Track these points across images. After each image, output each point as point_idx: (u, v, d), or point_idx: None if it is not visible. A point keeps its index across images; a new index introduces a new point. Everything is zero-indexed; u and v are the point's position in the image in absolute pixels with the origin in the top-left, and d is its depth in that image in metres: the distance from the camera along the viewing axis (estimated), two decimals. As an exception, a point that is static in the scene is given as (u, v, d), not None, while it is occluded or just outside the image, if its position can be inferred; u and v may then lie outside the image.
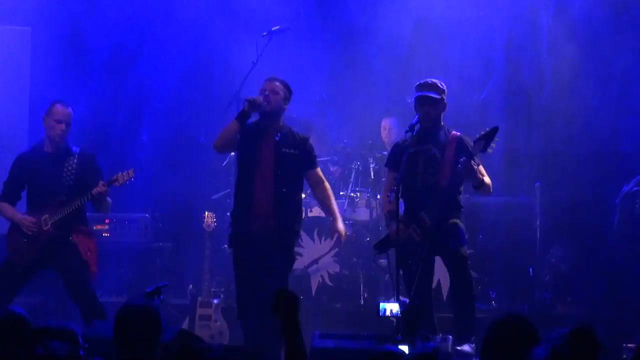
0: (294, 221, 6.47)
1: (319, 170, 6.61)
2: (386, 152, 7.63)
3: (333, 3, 9.55)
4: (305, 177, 6.57)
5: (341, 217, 6.71)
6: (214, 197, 8.76)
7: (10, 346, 3.96)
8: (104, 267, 7.10)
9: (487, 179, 6.40)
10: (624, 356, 6.51)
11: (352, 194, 8.52)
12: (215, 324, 7.61)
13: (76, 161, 6.71)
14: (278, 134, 6.42)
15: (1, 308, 4.32)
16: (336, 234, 6.56)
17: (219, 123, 7.15)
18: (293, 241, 6.54)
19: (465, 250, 6.42)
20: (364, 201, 8.53)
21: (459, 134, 6.49)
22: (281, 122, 6.49)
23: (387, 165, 6.74)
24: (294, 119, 7.61)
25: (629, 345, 6.54)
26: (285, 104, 6.50)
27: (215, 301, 7.68)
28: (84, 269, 6.62)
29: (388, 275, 7.76)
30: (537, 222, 8.36)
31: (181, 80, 9.33)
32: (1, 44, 8.95)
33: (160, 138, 9.55)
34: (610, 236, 8.07)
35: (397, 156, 6.45)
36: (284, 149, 6.38)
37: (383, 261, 7.51)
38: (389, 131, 8.92)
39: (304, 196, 7.09)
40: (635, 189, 7.84)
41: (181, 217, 9.11)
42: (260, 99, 6.37)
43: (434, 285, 6.85)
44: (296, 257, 6.79)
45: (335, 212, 6.57)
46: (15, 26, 9.04)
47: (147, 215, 8.70)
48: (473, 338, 6.21)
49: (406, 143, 6.42)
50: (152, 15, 9.23)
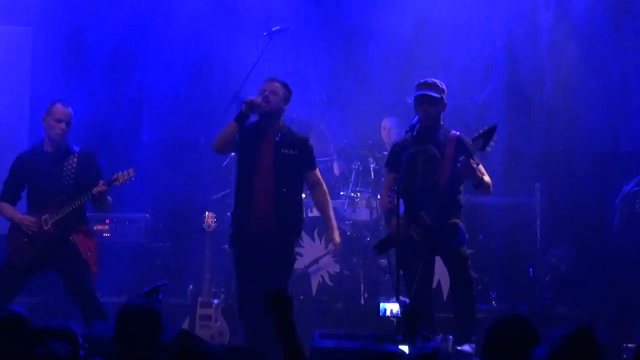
0: (295, 221, 6.47)
1: (317, 171, 6.60)
2: (386, 152, 7.62)
3: (333, 3, 9.53)
4: (304, 177, 6.56)
5: (338, 220, 6.71)
6: (214, 197, 8.75)
7: (11, 346, 3.95)
8: (104, 267, 7.08)
9: (486, 178, 6.40)
10: (624, 356, 6.50)
11: (352, 194, 8.50)
12: (215, 324, 7.60)
13: (76, 160, 6.70)
14: (278, 135, 6.42)
15: (1, 308, 4.31)
16: (331, 244, 6.63)
17: (219, 123, 7.15)
18: (293, 241, 6.54)
19: (465, 250, 6.42)
20: (364, 201, 8.51)
21: (458, 133, 6.48)
22: (281, 123, 6.49)
23: (386, 165, 6.73)
24: (294, 119, 7.61)
25: (629, 345, 6.54)
26: (285, 104, 6.50)
27: (216, 301, 7.67)
28: (84, 268, 6.62)
29: (388, 275, 7.78)
30: (537, 222, 8.35)
31: (181, 80, 9.31)
32: (1, 44, 8.96)
33: (160, 138, 9.56)
34: (610, 236, 8.06)
35: (397, 156, 6.45)
36: (283, 150, 6.38)
37: (383, 261, 7.50)
38: (389, 131, 8.91)
39: (304, 196, 7.08)
40: (635, 189, 7.83)
41: (181, 217, 9.10)
42: (258, 100, 6.37)
43: (434, 285, 6.84)
44: (296, 257, 6.80)
45: (332, 220, 6.58)
46: (16, 26, 9.04)
47: (147, 215, 8.70)
48: (473, 338, 6.21)
49: (406, 143, 6.43)
50: (152, 15, 9.22)
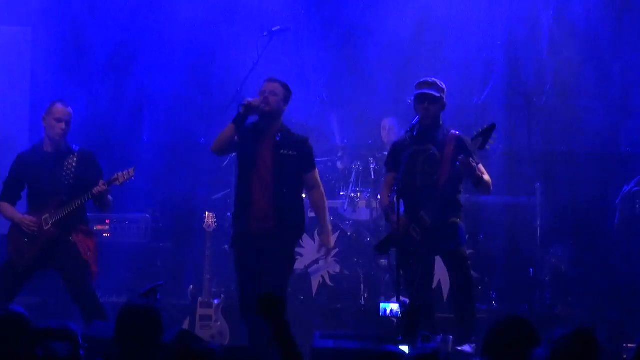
0: (295, 222, 6.46)
1: (316, 172, 6.57)
2: (386, 152, 7.62)
3: (333, 3, 9.53)
4: (303, 178, 6.55)
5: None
6: (214, 197, 8.75)
7: (11, 346, 3.95)
8: (104, 267, 7.07)
9: (486, 177, 6.40)
10: (624, 356, 6.51)
11: (353, 194, 8.50)
12: (215, 324, 7.60)
13: (76, 160, 6.69)
14: (278, 135, 6.41)
15: (1, 308, 4.30)
16: (323, 249, 6.66)
17: (219, 123, 7.15)
18: (293, 241, 6.54)
19: (465, 250, 6.42)
20: (364, 201, 8.51)
21: (457, 133, 6.48)
22: (281, 123, 6.49)
23: (386, 164, 6.73)
24: (294, 119, 7.61)
25: (629, 345, 6.55)
26: (285, 104, 6.49)
27: (216, 301, 7.67)
28: (85, 268, 6.61)
29: (388, 275, 7.80)
30: (538, 222, 8.35)
31: (181, 80, 9.32)
32: (2, 44, 8.96)
33: (160, 138, 9.56)
34: (610, 236, 8.07)
35: (396, 156, 6.45)
36: (282, 150, 6.37)
37: (383, 261, 7.52)
38: (389, 131, 8.90)
39: (304, 196, 7.08)
40: (635, 189, 7.84)
41: (181, 217, 9.09)
42: (256, 102, 6.36)
43: (434, 285, 6.84)
44: (296, 258, 6.79)
45: (326, 224, 6.59)
46: (16, 26, 9.04)
47: (147, 215, 8.69)
48: (473, 338, 6.20)
49: (405, 143, 6.43)
50: (152, 15, 9.22)
